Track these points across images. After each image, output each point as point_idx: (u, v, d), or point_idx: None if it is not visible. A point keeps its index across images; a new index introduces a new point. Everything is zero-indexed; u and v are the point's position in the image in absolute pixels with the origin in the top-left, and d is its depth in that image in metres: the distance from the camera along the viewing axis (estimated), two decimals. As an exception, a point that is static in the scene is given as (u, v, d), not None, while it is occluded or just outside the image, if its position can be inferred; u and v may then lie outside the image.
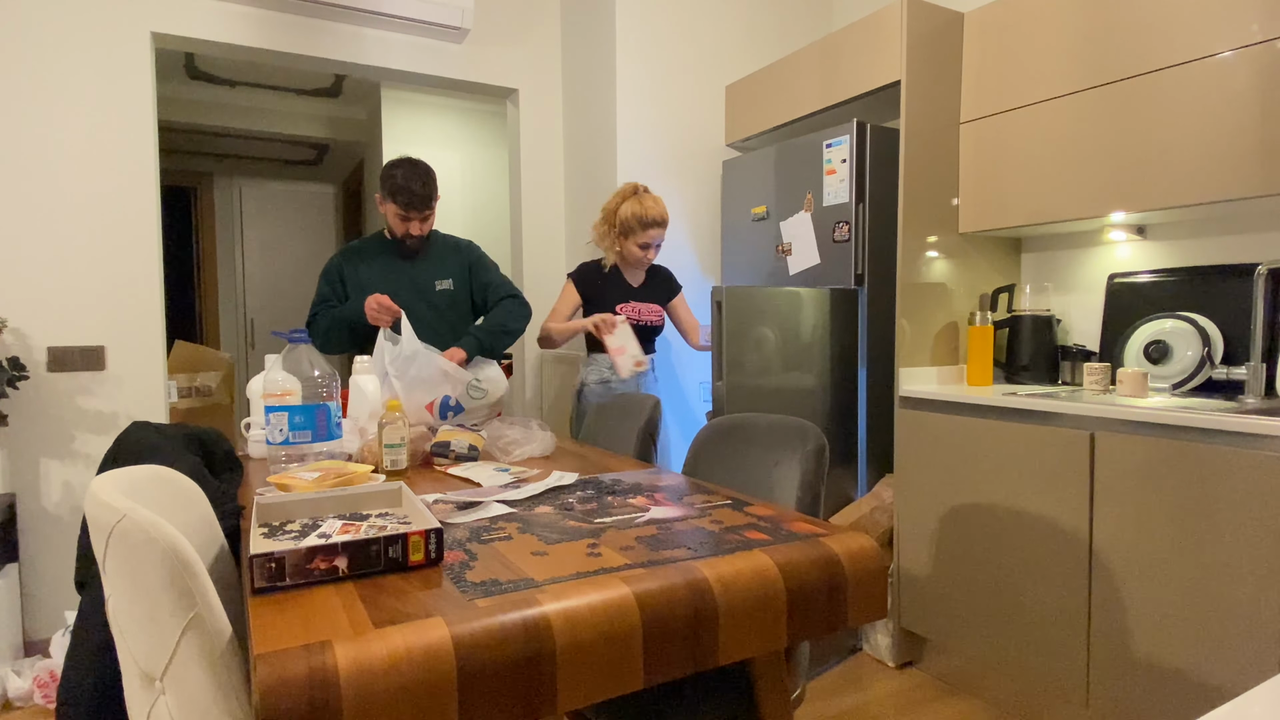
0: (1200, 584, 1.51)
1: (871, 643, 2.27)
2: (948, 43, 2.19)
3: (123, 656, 0.88)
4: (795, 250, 2.48)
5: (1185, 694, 1.54)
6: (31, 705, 2.04)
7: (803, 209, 2.44)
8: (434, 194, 2.20)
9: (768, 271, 2.60)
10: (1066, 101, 1.95)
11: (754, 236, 2.66)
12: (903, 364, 2.16)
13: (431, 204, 2.21)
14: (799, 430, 1.35)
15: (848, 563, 0.97)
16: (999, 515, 1.89)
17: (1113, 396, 1.89)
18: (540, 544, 1.00)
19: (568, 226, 3.18)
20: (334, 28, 2.68)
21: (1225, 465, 1.46)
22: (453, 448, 1.60)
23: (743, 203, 2.70)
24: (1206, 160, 1.68)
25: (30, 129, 2.26)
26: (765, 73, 2.70)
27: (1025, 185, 2.06)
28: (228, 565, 1.13)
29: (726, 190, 2.79)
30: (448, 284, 2.30)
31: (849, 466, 2.40)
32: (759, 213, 2.63)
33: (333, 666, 0.68)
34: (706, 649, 0.86)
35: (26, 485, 2.29)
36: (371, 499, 1.13)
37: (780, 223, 2.54)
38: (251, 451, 1.71)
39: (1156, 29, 1.76)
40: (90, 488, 0.86)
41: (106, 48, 2.34)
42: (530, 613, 0.78)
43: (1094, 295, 2.22)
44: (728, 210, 2.78)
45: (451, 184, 4.16)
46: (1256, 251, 1.88)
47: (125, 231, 2.38)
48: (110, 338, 2.37)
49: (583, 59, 2.97)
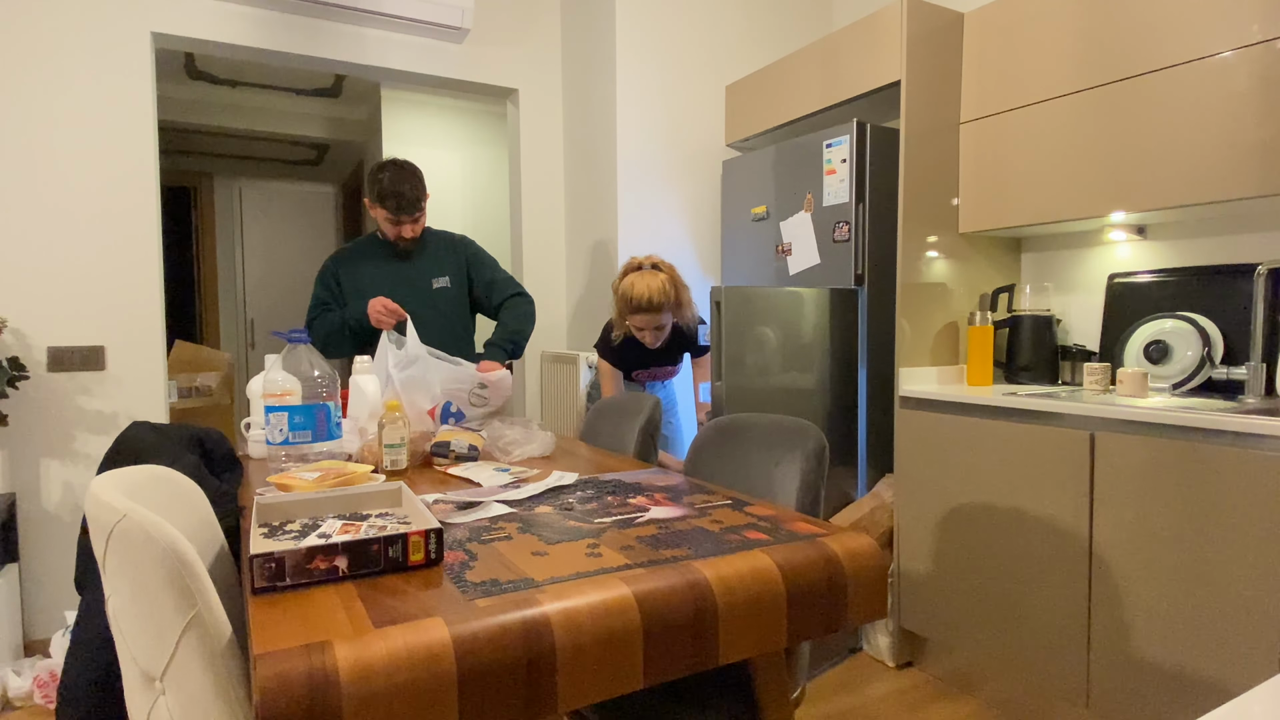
0: (1200, 584, 1.51)
1: (871, 643, 2.27)
2: (948, 43, 2.19)
3: (123, 656, 0.88)
4: (795, 250, 2.48)
5: (1185, 694, 1.54)
6: (31, 705, 2.04)
7: (803, 209, 2.44)
8: (423, 195, 2.18)
9: (768, 272, 2.60)
10: (1066, 101, 1.95)
11: (754, 236, 2.66)
12: (903, 364, 2.16)
13: (421, 206, 2.19)
14: (799, 430, 1.35)
15: (848, 563, 0.97)
16: (999, 515, 1.89)
17: (1113, 396, 1.89)
18: (540, 544, 1.00)
19: (568, 226, 3.18)
20: (334, 28, 2.68)
21: (1225, 465, 1.46)
22: (453, 448, 1.60)
23: (743, 203, 2.70)
24: (1206, 160, 1.68)
25: (30, 129, 2.26)
26: (765, 73, 2.70)
27: (1025, 185, 2.06)
28: (228, 565, 1.13)
29: (726, 190, 2.79)
30: (444, 282, 2.29)
31: (849, 466, 2.40)
32: (759, 213, 2.63)
33: (333, 666, 0.68)
34: (706, 649, 0.86)
35: (26, 485, 2.29)
36: (371, 499, 1.13)
37: (780, 223, 2.53)
38: (251, 451, 1.71)
39: (1156, 29, 1.76)
40: (90, 488, 0.86)
41: (106, 48, 2.34)
42: (530, 613, 0.78)
43: (1094, 295, 2.22)
44: (728, 210, 2.78)
45: (451, 184, 4.16)
46: (1256, 251, 1.88)
47: (125, 231, 2.38)
48: (110, 338, 2.37)
49: (583, 59, 2.97)
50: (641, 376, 2.47)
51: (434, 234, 2.35)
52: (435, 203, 4.06)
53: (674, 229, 2.85)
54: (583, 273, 3.08)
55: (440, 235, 2.36)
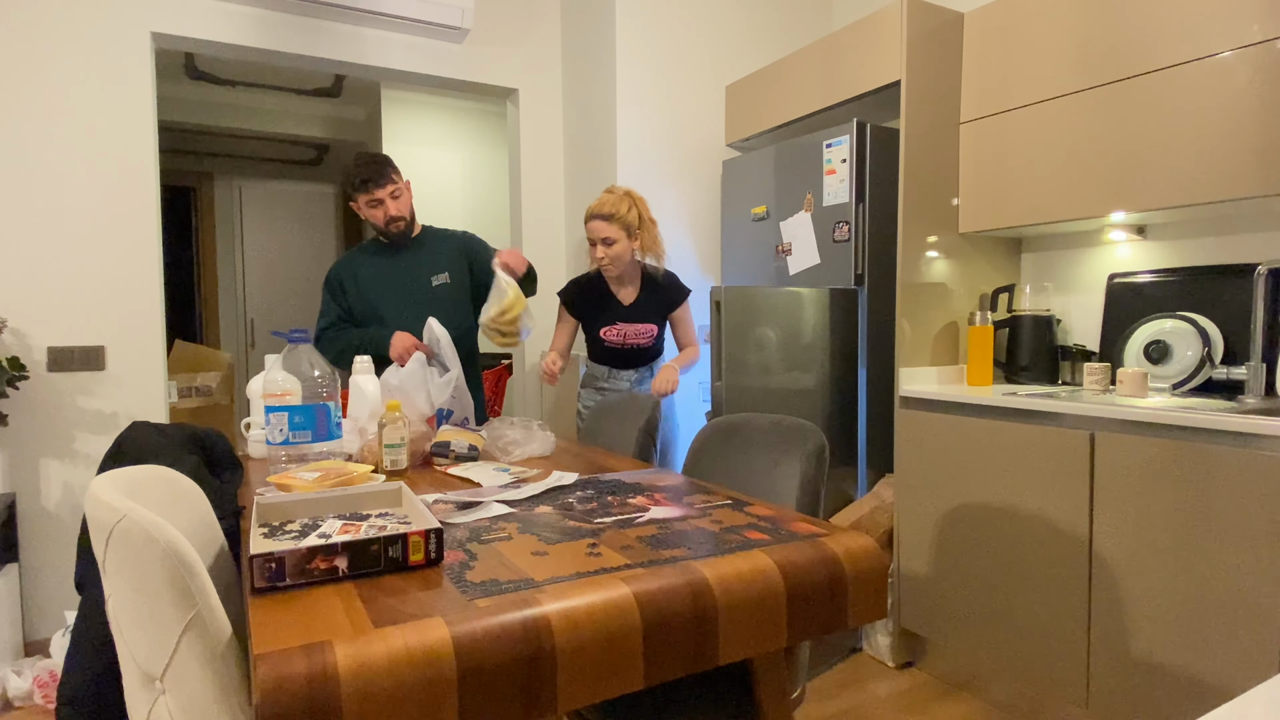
0: (1200, 584, 1.51)
1: (871, 643, 2.27)
2: (947, 43, 2.19)
3: (123, 656, 0.88)
4: (795, 250, 2.48)
5: (1185, 694, 1.54)
6: (31, 705, 2.04)
7: (803, 209, 2.44)
8: (390, 166, 2.17)
9: (767, 271, 2.60)
10: (1066, 101, 1.95)
11: (754, 236, 2.66)
12: (903, 364, 2.16)
13: (389, 174, 2.16)
14: (799, 430, 1.35)
15: (848, 563, 0.97)
16: (999, 515, 1.89)
17: (1113, 396, 1.89)
18: (540, 544, 1.00)
19: (568, 226, 3.18)
20: (334, 28, 2.68)
21: (1225, 465, 1.46)
22: (453, 448, 1.60)
23: (743, 202, 2.70)
24: (1206, 160, 1.68)
25: (30, 129, 2.26)
26: (765, 73, 2.70)
27: (1025, 185, 2.06)
28: (228, 565, 1.13)
29: (726, 190, 2.79)
30: (444, 278, 2.28)
31: (849, 466, 2.40)
32: (759, 213, 2.63)
33: (333, 666, 0.68)
34: (706, 649, 0.86)
35: (26, 485, 2.29)
36: (371, 499, 1.13)
37: (780, 223, 2.53)
38: (251, 451, 1.71)
39: (1156, 29, 1.76)
40: (90, 488, 0.86)
41: (106, 48, 2.34)
42: (530, 613, 0.78)
43: (1094, 295, 2.22)
44: (728, 210, 2.78)
45: (451, 184, 4.16)
46: (1256, 251, 1.88)
47: (125, 231, 2.38)
48: (110, 338, 2.37)
49: (583, 59, 2.97)
50: (610, 335, 2.29)
51: (433, 232, 2.35)
52: (435, 203, 4.06)
53: (674, 229, 2.85)
54: (582, 273, 3.07)
55: (439, 232, 2.36)
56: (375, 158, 2.17)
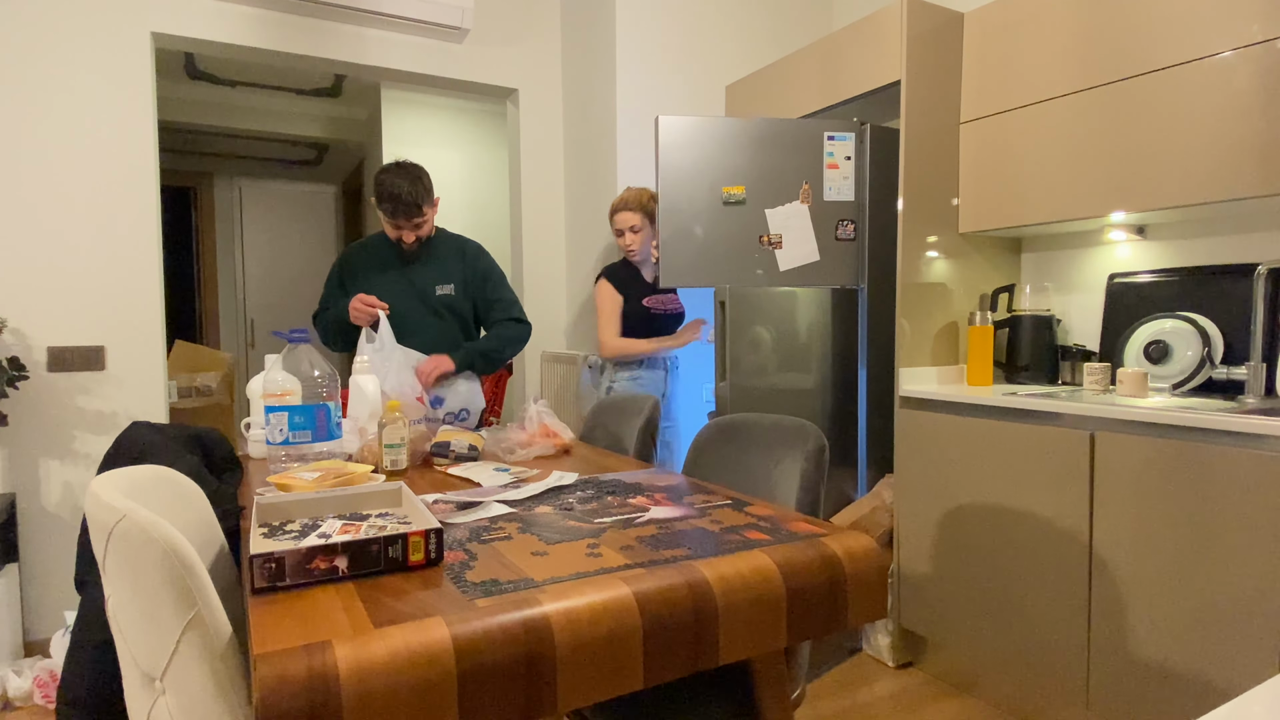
0: (1201, 584, 1.51)
1: (871, 643, 2.27)
2: (948, 43, 2.19)
3: (123, 656, 0.88)
4: (787, 244, 2.31)
5: (1185, 694, 1.54)
6: (31, 705, 2.04)
7: (798, 199, 2.32)
8: (423, 200, 2.08)
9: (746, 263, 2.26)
10: (1067, 101, 1.95)
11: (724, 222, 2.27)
12: (903, 364, 2.16)
13: (422, 211, 2.10)
14: (799, 430, 1.35)
15: (848, 563, 0.97)
16: (999, 515, 1.89)
17: (1113, 396, 1.89)
18: (540, 544, 1.00)
19: (568, 226, 3.18)
20: (334, 28, 2.68)
21: (1225, 465, 1.46)
22: (453, 448, 1.60)
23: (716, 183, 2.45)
24: (1206, 160, 1.68)
25: (30, 129, 2.26)
26: (765, 73, 2.70)
27: (1025, 185, 2.06)
28: (228, 565, 1.13)
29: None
30: (449, 289, 2.22)
31: (849, 466, 2.40)
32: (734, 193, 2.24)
33: (333, 666, 0.68)
34: (706, 649, 0.86)
35: (26, 485, 2.29)
36: (371, 499, 1.13)
37: (766, 210, 2.28)
38: (251, 451, 1.71)
39: (1156, 29, 1.76)
40: (90, 488, 0.86)
41: (106, 48, 2.34)
42: (530, 613, 0.78)
43: (1094, 295, 2.22)
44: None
45: (451, 184, 4.16)
46: (1256, 251, 1.87)
47: (125, 231, 2.38)
48: (110, 338, 2.37)
49: (583, 59, 2.97)
50: (654, 304, 2.53)
51: (445, 238, 2.28)
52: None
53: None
54: (583, 273, 3.08)
55: (451, 240, 2.28)
56: (412, 187, 2.05)
